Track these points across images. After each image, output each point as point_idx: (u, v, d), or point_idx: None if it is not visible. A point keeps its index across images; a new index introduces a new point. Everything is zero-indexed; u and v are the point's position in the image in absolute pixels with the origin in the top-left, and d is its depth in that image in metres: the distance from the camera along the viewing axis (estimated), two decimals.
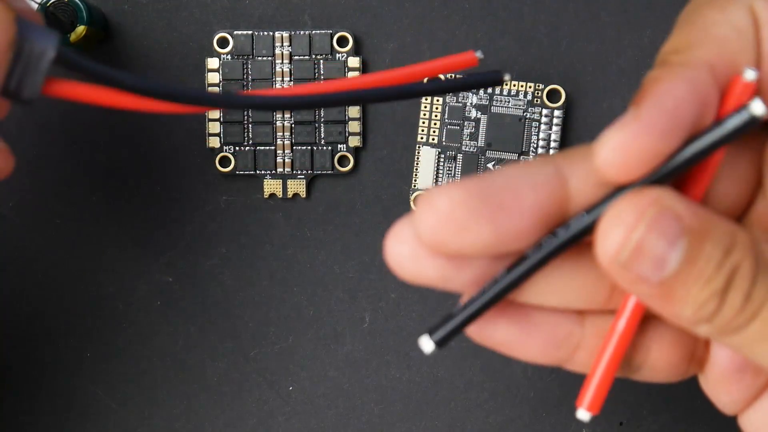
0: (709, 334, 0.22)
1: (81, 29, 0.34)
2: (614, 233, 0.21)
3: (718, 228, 0.22)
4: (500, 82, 0.29)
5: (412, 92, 0.29)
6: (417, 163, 0.36)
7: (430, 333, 0.24)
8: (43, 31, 0.25)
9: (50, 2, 0.34)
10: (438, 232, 0.22)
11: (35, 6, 0.34)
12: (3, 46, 0.24)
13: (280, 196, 0.36)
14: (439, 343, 0.24)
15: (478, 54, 0.28)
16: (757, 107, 0.22)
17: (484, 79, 0.29)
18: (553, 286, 0.24)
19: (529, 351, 0.24)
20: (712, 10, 0.23)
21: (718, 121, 0.22)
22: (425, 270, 0.23)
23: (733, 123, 0.22)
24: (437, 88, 0.31)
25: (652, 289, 0.22)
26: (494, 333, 0.24)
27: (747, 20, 0.23)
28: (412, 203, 0.36)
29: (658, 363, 0.25)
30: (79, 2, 0.34)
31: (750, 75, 0.22)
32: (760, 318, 0.22)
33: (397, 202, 0.36)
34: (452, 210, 0.22)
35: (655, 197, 0.21)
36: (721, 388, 0.25)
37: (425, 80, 0.33)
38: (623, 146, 0.22)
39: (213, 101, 0.27)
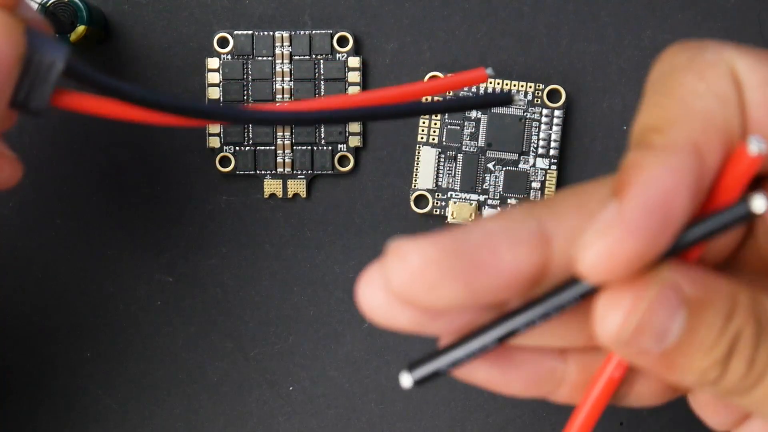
0: (713, 396, 0.22)
1: (81, 29, 0.34)
2: (614, 316, 0.20)
3: (719, 293, 0.21)
4: (510, 102, 0.28)
5: (417, 110, 0.28)
6: (417, 163, 0.36)
7: (410, 369, 0.23)
8: (53, 42, 0.25)
9: (50, 2, 0.34)
10: (409, 287, 0.21)
11: (35, 6, 0.34)
12: (12, 58, 0.24)
13: (280, 196, 0.36)
14: (418, 383, 0.23)
15: (489, 71, 0.28)
16: (757, 204, 0.20)
17: (495, 98, 0.27)
18: (535, 329, 0.23)
19: (511, 388, 0.24)
20: (690, 77, 0.21)
21: (715, 212, 0.21)
22: (398, 318, 0.22)
23: (731, 216, 0.20)
24: (445, 106, 0.29)
25: (654, 360, 0.21)
26: (476, 374, 0.23)
27: (729, 86, 0.21)
28: (412, 204, 0.36)
29: (644, 392, 0.25)
30: (79, 2, 0.34)
31: (754, 148, 0.20)
32: (765, 382, 0.21)
33: (397, 202, 0.36)
34: (423, 267, 0.21)
35: (654, 275, 0.20)
36: (709, 410, 0.25)
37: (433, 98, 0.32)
38: (608, 253, 0.20)
39: (220, 115, 0.27)
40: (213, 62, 0.36)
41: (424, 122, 0.36)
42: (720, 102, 0.21)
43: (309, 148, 0.36)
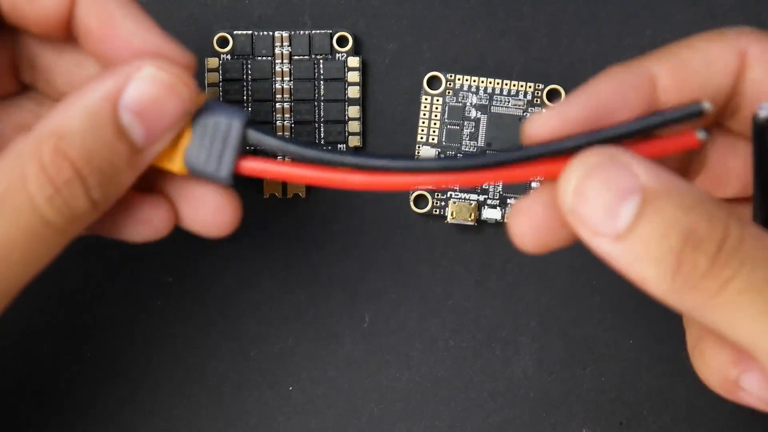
0: (679, 301, 0.23)
1: None
2: (563, 179, 0.23)
3: (678, 188, 0.23)
4: (702, 114, 0.25)
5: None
6: None
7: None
8: (230, 107, 0.25)
9: None
10: (533, 242, 0.25)
11: None
12: (176, 113, 0.25)
13: (280, 196, 0.36)
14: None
15: (701, 135, 0.24)
16: (706, 106, 0.24)
17: (684, 113, 0.25)
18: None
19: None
20: (702, 39, 0.25)
21: (672, 108, 0.24)
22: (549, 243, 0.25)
23: (684, 112, 0.24)
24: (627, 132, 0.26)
25: (611, 244, 0.23)
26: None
27: (725, 57, 0.25)
28: (412, 204, 0.36)
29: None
30: None
31: (701, 135, 0.24)
32: (732, 288, 0.22)
33: (396, 201, 0.36)
34: (533, 230, 0.25)
35: (607, 151, 0.23)
36: (706, 360, 0.26)
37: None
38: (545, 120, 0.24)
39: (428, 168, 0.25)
40: (213, 62, 0.36)
41: (423, 122, 0.36)
42: (705, 63, 0.25)
43: None
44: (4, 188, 0.23)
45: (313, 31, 0.36)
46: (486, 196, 0.36)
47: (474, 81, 0.36)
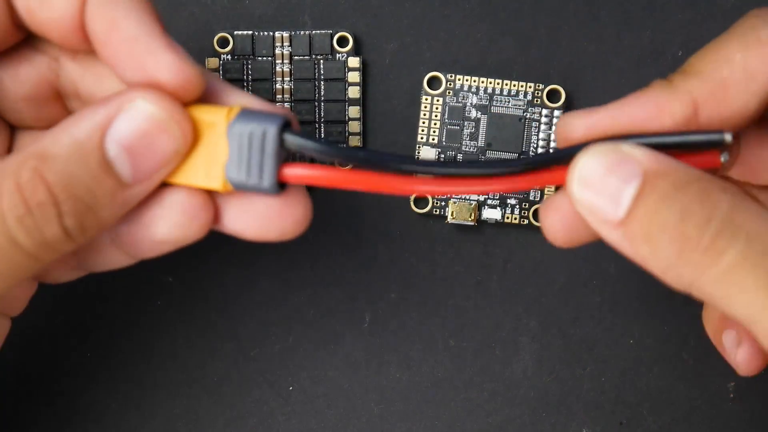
0: (677, 278, 0.23)
1: None
2: (570, 171, 0.24)
3: (675, 169, 0.23)
4: (723, 145, 0.25)
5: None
6: None
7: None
8: (264, 114, 0.24)
9: None
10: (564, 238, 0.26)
11: None
12: (168, 152, 0.24)
13: None
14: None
15: (723, 158, 0.25)
16: (727, 137, 0.24)
17: (706, 140, 0.25)
18: None
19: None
20: (739, 44, 0.25)
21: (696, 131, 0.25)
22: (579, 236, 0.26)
23: (708, 138, 0.24)
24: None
25: (615, 229, 0.23)
26: None
27: (762, 67, 0.24)
28: (412, 204, 0.36)
29: None
30: None
31: (723, 158, 0.25)
32: (726, 261, 0.22)
33: (397, 202, 0.36)
34: (563, 225, 0.26)
35: (611, 142, 0.24)
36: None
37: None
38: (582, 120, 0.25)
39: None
40: (213, 62, 0.36)
41: (423, 122, 0.36)
42: (745, 76, 0.24)
43: None
44: None
45: (314, 32, 0.36)
46: (486, 196, 0.36)
47: (474, 81, 0.36)
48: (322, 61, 0.36)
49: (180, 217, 0.25)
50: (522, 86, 0.36)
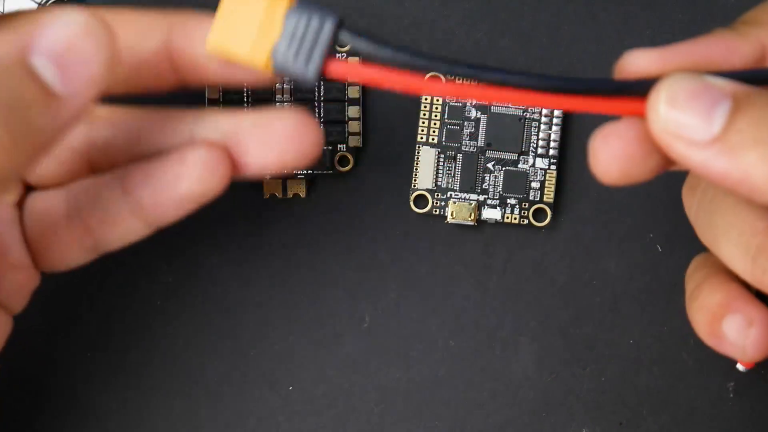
0: None
1: None
2: (653, 97, 0.24)
3: (765, 92, 0.23)
4: None
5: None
6: (417, 163, 0.36)
7: None
8: (321, 7, 0.25)
9: (50, 2, 0.34)
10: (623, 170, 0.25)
11: (35, 6, 0.34)
12: (98, 57, 0.24)
13: (280, 196, 0.36)
14: None
15: None
16: None
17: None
18: None
19: None
20: None
21: None
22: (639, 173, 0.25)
23: None
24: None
25: (708, 147, 0.23)
26: None
27: None
28: (412, 204, 0.36)
29: None
30: (78, 2, 0.34)
31: None
32: None
33: (396, 202, 0.36)
34: (620, 156, 0.25)
35: (692, 73, 0.24)
36: None
37: None
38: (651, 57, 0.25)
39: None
40: None
41: (423, 122, 0.36)
42: None
43: None
44: None
45: None
46: (486, 196, 0.36)
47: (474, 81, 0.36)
48: None
49: (201, 170, 0.26)
50: None
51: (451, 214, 0.36)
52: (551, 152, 0.36)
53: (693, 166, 0.24)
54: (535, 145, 0.36)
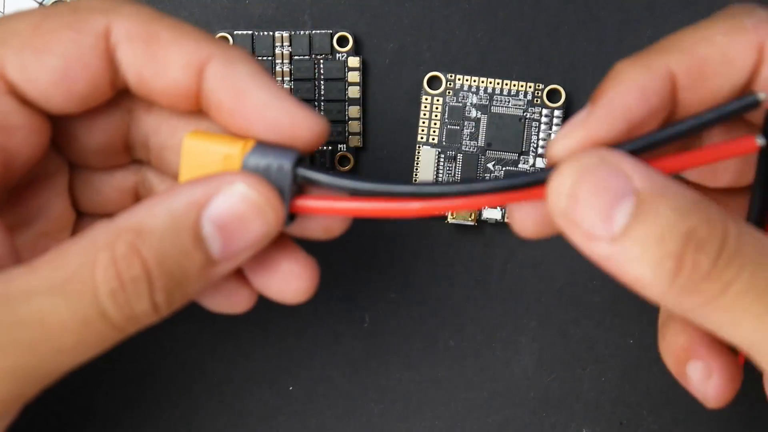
0: (677, 303, 0.22)
1: None
2: (554, 183, 0.23)
3: (673, 191, 0.22)
4: (757, 105, 0.24)
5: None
6: (417, 163, 0.36)
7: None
8: (279, 149, 0.25)
9: (50, 3, 0.34)
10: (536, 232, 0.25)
11: (35, 5, 0.34)
12: (259, 234, 0.25)
13: None
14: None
15: (760, 141, 0.24)
16: (762, 95, 0.24)
17: (740, 106, 0.25)
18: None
19: None
20: (722, 28, 0.25)
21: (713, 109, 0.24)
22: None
23: (741, 103, 0.24)
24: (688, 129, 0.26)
25: (606, 247, 0.23)
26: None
27: (745, 54, 0.24)
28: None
29: None
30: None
31: (761, 141, 0.24)
32: (734, 290, 0.22)
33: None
34: (533, 220, 0.25)
35: (597, 153, 0.23)
36: None
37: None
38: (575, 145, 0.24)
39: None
40: None
41: (423, 122, 0.36)
42: (721, 56, 0.24)
43: None
44: (72, 271, 0.23)
45: (314, 31, 0.36)
46: None
47: (474, 81, 0.36)
48: (322, 61, 0.36)
49: (307, 285, 0.28)
50: (522, 86, 0.36)
51: (451, 214, 0.36)
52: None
53: (588, 255, 0.23)
54: (535, 145, 0.36)
